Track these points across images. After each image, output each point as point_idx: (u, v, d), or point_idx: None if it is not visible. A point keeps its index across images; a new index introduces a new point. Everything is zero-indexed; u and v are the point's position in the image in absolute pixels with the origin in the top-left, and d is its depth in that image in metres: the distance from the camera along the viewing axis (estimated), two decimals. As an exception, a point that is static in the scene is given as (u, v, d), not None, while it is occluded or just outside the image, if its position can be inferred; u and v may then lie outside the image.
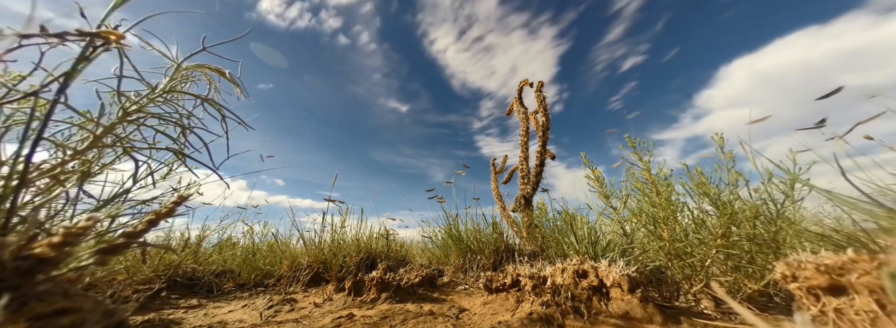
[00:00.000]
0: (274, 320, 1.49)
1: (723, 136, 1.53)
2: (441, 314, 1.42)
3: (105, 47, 0.84)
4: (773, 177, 1.38)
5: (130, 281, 1.96)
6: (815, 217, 1.63)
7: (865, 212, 1.00)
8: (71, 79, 0.81)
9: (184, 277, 2.28)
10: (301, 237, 2.59)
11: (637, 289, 1.17)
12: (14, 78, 0.91)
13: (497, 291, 1.56)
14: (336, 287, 2.03)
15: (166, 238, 2.65)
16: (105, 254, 0.64)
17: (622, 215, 1.78)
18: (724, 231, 1.33)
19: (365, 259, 2.50)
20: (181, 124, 1.21)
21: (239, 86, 1.33)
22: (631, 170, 1.67)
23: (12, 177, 0.76)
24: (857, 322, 0.78)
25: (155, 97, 1.15)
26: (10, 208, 0.73)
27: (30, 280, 0.57)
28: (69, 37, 0.78)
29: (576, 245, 1.83)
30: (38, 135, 0.77)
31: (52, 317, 0.56)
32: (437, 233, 2.94)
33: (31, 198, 0.95)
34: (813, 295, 0.88)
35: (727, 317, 1.18)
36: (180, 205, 0.74)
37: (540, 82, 3.14)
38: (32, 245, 0.58)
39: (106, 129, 1.04)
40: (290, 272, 2.47)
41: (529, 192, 2.93)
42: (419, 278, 1.84)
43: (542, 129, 2.93)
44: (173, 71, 1.18)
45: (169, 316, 1.62)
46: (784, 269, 0.94)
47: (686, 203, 1.50)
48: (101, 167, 1.15)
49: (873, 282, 0.76)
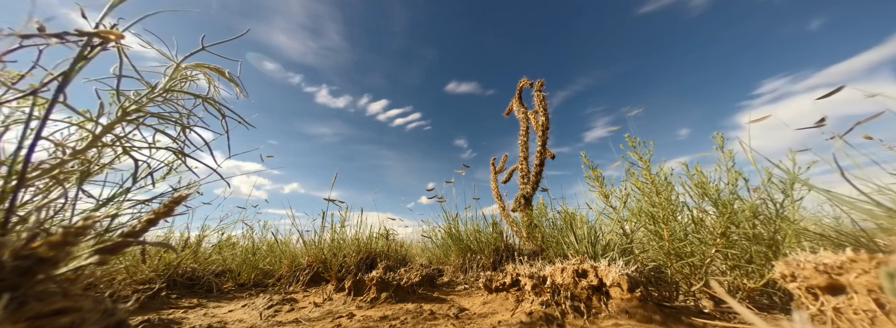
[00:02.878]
0: (274, 320, 1.49)
1: (723, 136, 1.53)
2: (441, 314, 1.42)
3: (104, 47, 0.84)
4: (772, 177, 1.38)
5: (130, 280, 1.96)
6: (815, 216, 1.64)
7: (864, 212, 1.00)
8: (70, 78, 0.81)
9: (183, 277, 2.28)
10: (301, 237, 2.59)
11: (637, 289, 1.17)
12: (13, 77, 0.91)
13: (497, 291, 1.56)
14: (336, 287, 2.03)
15: (166, 237, 2.65)
16: (104, 254, 0.64)
17: (622, 215, 1.78)
18: (724, 230, 1.33)
19: (365, 258, 2.50)
20: (181, 123, 1.21)
21: (238, 85, 1.33)
22: (630, 170, 1.67)
23: (11, 177, 0.76)
24: (855, 321, 0.78)
25: (154, 96, 1.15)
26: (9, 208, 0.73)
27: (29, 279, 0.57)
28: (68, 36, 0.78)
29: (575, 244, 1.83)
30: (36, 134, 0.77)
31: (51, 317, 0.56)
32: (437, 232, 2.95)
33: (31, 197, 0.95)
34: (812, 294, 0.88)
35: (727, 316, 1.19)
36: (179, 205, 0.74)
37: (540, 82, 3.14)
38: (32, 244, 0.58)
39: (105, 128, 1.04)
40: (290, 272, 2.47)
41: (529, 192, 2.93)
42: (419, 278, 1.84)
43: (541, 128, 2.93)
44: (173, 70, 1.18)
45: (169, 315, 1.61)
46: (783, 269, 0.94)
47: (685, 202, 1.50)
48: (100, 167, 1.15)
49: (872, 282, 0.76)
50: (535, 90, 3.12)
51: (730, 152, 1.50)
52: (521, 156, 3.16)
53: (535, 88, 3.13)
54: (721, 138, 1.53)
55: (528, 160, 3.12)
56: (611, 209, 1.81)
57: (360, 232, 2.66)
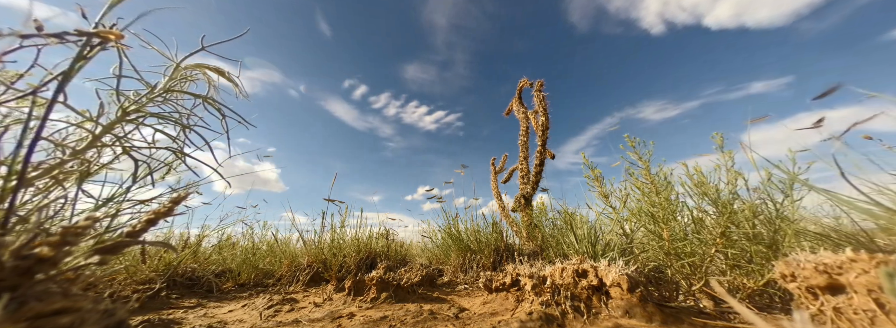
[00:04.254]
0: (274, 320, 1.49)
1: (722, 136, 1.53)
2: (441, 314, 1.42)
3: (103, 46, 0.84)
4: (772, 177, 1.38)
5: (130, 280, 1.96)
6: (814, 216, 1.64)
7: (864, 212, 1.00)
8: (69, 78, 0.81)
9: (183, 277, 2.27)
10: (301, 237, 2.59)
11: (636, 289, 1.17)
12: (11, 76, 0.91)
13: (497, 291, 1.56)
14: (336, 287, 2.03)
15: (166, 237, 2.65)
16: (104, 254, 0.64)
17: (622, 215, 1.78)
18: (724, 230, 1.34)
19: (365, 258, 2.50)
20: (181, 123, 1.21)
21: (238, 85, 1.33)
22: (630, 170, 1.68)
23: (11, 177, 0.76)
24: (855, 321, 0.78)
25: (154, 96, 1.15)
26: (9, 208, 0.73)
27: (29, 279, 0.57)
28: (68, 36, 0.78)
29: (575, 244, 1.83)
30: (36, 134, 0.77)
31: (51, 317, 0.56)
32: (437, 232, 2.95)
33: (30, 197, 0.94)
34: (812, 294, 0.88)
35: (727, 316, 1.19)
36: (179, 205, 0.74)
37: (539, 82, 3.14)
38: (32, 244, 0.58)
39: (105, 128, 1.04)
40: (290, 272, 2.47)
41: (529, 192, 2.93)
42: (419, 278, 1.84)
43: (541, 128, 2.93)
44: (172, 70, 1.18)
45: (168, 315, 1.61)
46: (783, 269, 0.94)
47: (685, 202, 1.50)
48: (100, 167, 1.15)
49: (872, 282, 0.76)
50: (535, 90, 3.12)
51: (730, 152, 1.50)
52: (521, 156, 3.16)
53: (535, 88, 3.13)
54: (720, 138, 1.53)
55: (528, 160, 3.12)
56: (611, 209, 1.82)
57: (359, 231, 2.67)
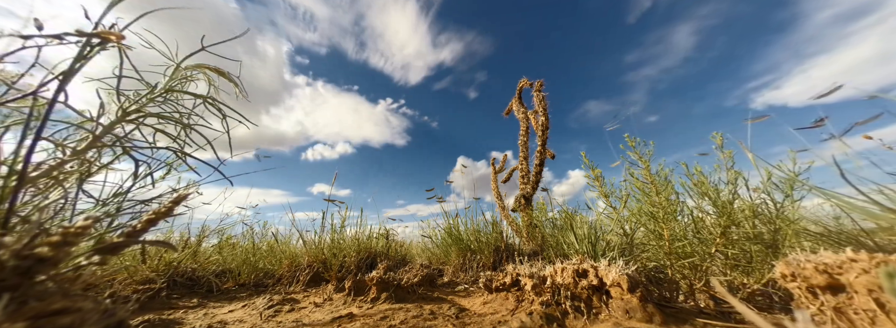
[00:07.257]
0: (274, 320, 1.49)
1: (722, 135, 1.53)
2: (441, 314, 1.42)
3: (103, 47, 0.84)
4: (772, 177, 1.38)
5: (130, 280, 1.96)
6: (814, 216, 1.64)
7: (864, 212, 1.00)
8: (69, 78, 0.81)
9: (183, 277, 2.27)
10: (301, 237, 2.59)
11: (637, 289, 1.17)
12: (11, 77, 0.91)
13: (497, 291, 1.56)
14: (336, 287, 2.03)
15: (166, 238, 2.65)
16: (104, 254, 0.64)
17: (622, 215, 1.78)
18: (724, 230, 1.33)
19: (365, 259, 2.50)
20: (182, 123, 1.21)
21: (238, 85, 1.33)
22: (630, 170, 1.67)
23: (11, 177, 0.76)
24: (855, 320, 0.78)
25: (154, 97, 1.15)
26: (9, 208, 0.73)
27: (29, 279, 0.57)
28: (69, 36, 0.78)
29: (576, 244, 1.83)
30: (36, 134, 0.77)
31: (51, 317, 0.56)
32: (437, 232, 2.95)
33: (31, 198, 0.94)
34: (812, 293, 0.88)
35: (727, 315, 1.19)
36: (179, 205, 0.74)
37: (539, 82, 3.14)
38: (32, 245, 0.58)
39: (105, 128, 1.04)
40: (290, 272, 2.47)
41: (529, 192, 2.93)
42: (419, 278, 1.84)
43: (541, 128, 2.93)
44: (173, 70, 1.18)
45: (169, 316, 1.61)
46: (783, 268, 0.94)
47: (685, 202, 1.50)
48: (100, 167, 1.15)
49: (872, 281, 0.76)
50: (535, 90, 3.12)
51: (729, 152, 1.50)
52: (521, 156, 3.16)
53: (535, 88, 3.13)
54: (720, 138, 1.53)
55: (528, 160, 3.13)
56: (611, 209, 1.82)
57: (360, 231, 2.67)
